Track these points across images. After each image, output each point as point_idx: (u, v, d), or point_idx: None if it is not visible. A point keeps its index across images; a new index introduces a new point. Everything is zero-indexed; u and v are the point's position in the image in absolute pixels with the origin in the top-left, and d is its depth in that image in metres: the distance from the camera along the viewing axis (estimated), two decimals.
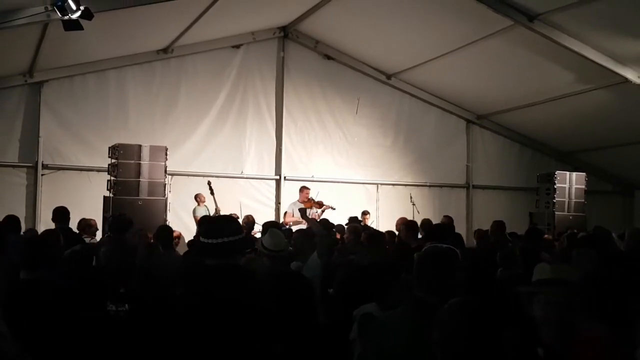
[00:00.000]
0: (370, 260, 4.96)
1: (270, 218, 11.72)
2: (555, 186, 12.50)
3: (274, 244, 5.07)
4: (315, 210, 11.22)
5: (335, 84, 13.56)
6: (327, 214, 11.31)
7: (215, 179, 11.59)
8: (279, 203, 13.00)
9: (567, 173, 12.87)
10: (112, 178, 9.79)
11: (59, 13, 7.38)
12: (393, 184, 13.98)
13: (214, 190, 10.97)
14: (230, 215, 10.81)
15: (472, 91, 13.61)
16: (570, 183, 12.66)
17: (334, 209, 11.45)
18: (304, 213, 7.25)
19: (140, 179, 9.78)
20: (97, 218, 9.10)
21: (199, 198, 11.16)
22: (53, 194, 10.96)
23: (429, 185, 14.25)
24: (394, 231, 8.18)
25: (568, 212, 12.49)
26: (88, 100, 11.80)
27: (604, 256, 5.04)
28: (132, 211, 9.10)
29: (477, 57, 11.63)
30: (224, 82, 12.80)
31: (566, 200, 12.55)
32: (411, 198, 13.01)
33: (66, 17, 7.41)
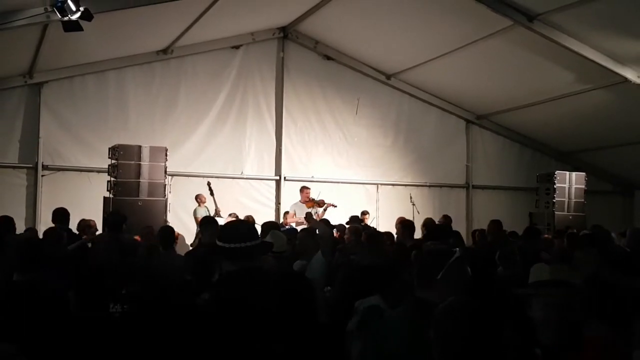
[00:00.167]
0: (370, 260, 4.97)
1: (270, 218, 11.71)
2: (555, 186, 12.50)
3: (276, 246, 5.10)
4: (316, 210, 11.24)
5: (335, 84, 13.56)
6: (329, 213, 11.34)
7: (215, 180, 11.61)
8: (279, 203, 13.01)
9: (567, 173, 12.87)
10: (112, 179, 9.79)
11: (58, 14, 7.39)
12: (393, 184, 13.98)
13: (214, 191, 10.99)
14: (245, 217, 10.87)
15: (472, 91, 13.61)
16: (570, 183, 12.66)
17: (335, 207, 11.50)
18: (310, 217, 7.26)
19: (140, 180, 9.78)
20: (98, 219, 9.09)
21: (199, 199, 11.17)
22: (53, 195, 10.96)
23: (429, 186, 14.25)
24: (392, 233, 8.20)
25: (568, 212, 12.49)
26: (88, 101, 11.80)
27: (606, 256, 5.04)
28: (132, 212, 9.11)
29: (477, 57, 11.63)
30: (223, 83, 12.80)
31: (566, 200, 12.55)
32: (411, 198, 13.02)
33: (66, 18, 7.42)
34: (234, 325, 2.62)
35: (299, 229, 10.90)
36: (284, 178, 13.17)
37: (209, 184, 11.07)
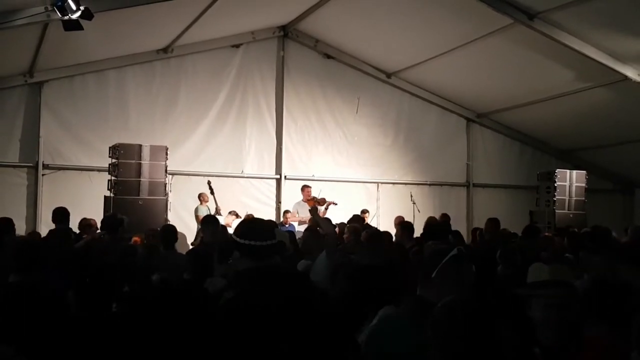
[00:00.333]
0: (370, 260, 4.96)
1: (270, 217, 11.74)
2: (556, 184, 12.49)
3: None
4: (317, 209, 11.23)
5: (335, 83, 13.55)
6: (329, 211, 11.34)
7: (215, 179, 11.62)
8: (280, 202, 13.01)
9: (568, 171, 12.86)
10: (113, 178, 9.80)
11: (59, 13, 7.39)
12: (393, 183, 13.98)
13: (214, 190, 10.99)
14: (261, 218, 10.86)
15: (472, 90, 13.61)
16: (570, 181, 12.65)
17: (335, 204, 11.51)
18: (315, 212, 7.22)
19: (141, 179, 9.79)
20: (98, 218, 9.05)
21: (202, 197, 11.19)
22: (54, 194, 10.96)
23: (429, 184, 14.25)
24: (390, 233, 8.23)
25: (568, 211, 12.49)
26: (88, 100, 11.80)
27: (608, 256, 5.02)
28: (133, 211, 9.13)
29: (477, 56, 11.63)
30: (223, 82, 12.80)
31: (566, 198, 12.54)
32: (411, 197, 13.03)
33: (66, 17, 7.42)
34: (260, 323, 2.58)
35: (300, 227, 11.00)
36: (285, 177, 13.17)
37: (209, 182, 11.08)
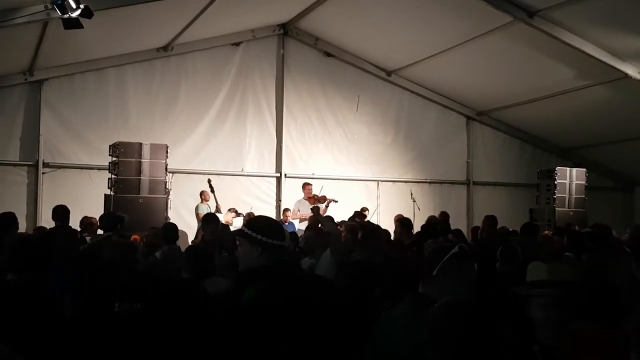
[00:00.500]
0: (367, 258, 4.95)
1: (271, 216, 11.74)
2: (556, 182, 12.48)
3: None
4: (318, 207, 11.25)
5: (335, 81, 13.55)
6: (330, 209, 11.35)
7: (215, 177, 11.61)
8: (280, 200, 13.02)
9: (568, 169, 12.85)
10: (113, 176, 9.80)
11: (58, 11, 7.40)
12: (393, 181, 13.98)
13: (215, 188, 10.99)
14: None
15: (472, 88, 13.60)
16: (570, 179, 12.64)
17: (336, 202, 11.53)
18: (317, 212, 7.24)
19: (141, 177, 9.79)
20: (98, 216, 9.09)
21: (203, 196, 11.20)
22: (54, 193, 10.96)
23: (429, 182, 14.25)
24: (388, 231, 8.27)
25: (568, 208, 12.48)
26: (88, 99, 11.80)
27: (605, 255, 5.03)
28: (133, 209, 9.13)
29: (477, 54, 11.62)
30: (224, 80, 12.79)
31: (567, 196, 12.54)
32: (412, 195, 13.03)
33: (66, 16, 7.42)
34: (289, 321, 2.56)
35: (301, 225, 11.02)
36: (285, 175, 13.18)
37: (209, 181, 11.08)
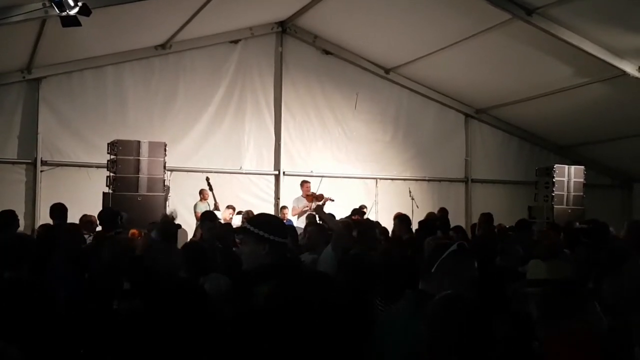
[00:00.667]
0: (364, 255, 4.95)
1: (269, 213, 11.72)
2: (554, 180, 12.46)
3: None
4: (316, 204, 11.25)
5: (333, 79, 13.55)
6: (328, 207, 11.34)
7: (214, 175, 11.62)
8: (278, 198, 13.02)
9: (566, 166, 12.85)
10: (111, 174, 9.79)
11: (56, 9, 7.40)
12: (392, 179, 13.99)
13: (213, 186, 10.99)
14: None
15: (471, 85, 13.60)
16: (569, 176, 12.64)
17: (333, 201, 11.52)
18: (321, 210, 7.22)
19: (140, 175, 9.78)
20: (97, 214, 9.09)
21: (202, 194, 11.19)
22: (52, 191, 10.94)
23: (428, 180, 14.26)
24: (386, 228, 8.29)
25: (567, 206, 12.48)
26: (86, 97, 11.80)
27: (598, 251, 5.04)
28: (132, 207, 9.12)
29: (476, 52, 11.62)
30: (222, 78, 12.79)
31: (565, 193, 12.53)
32: (410, 193, 13.05)
33: (64, 13, 7.42)
34: (302, 319, 2.54)
35: (299, 223, 11.01)
36: (283, 173, 13.18)
37: (207, 179, 11.08)
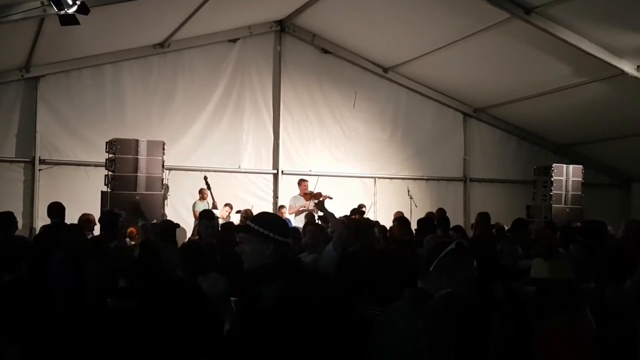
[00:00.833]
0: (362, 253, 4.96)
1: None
2: (552, 179, 12.47)
3: None
4: (313, 202, 11.25)
5: (332, 78, 13.55)
6: (326, 205, 11.33)
7: (212, 174, 11.61)
8: (277, 197, 13.02)
9: (564, 166, 12.86)
10: (110, 173, 9.77)
11: (55, 8, 7.39)
12: (390, 178, 13.99)
13: (211, 185, 10.98)
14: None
15: (470, 84, 13.61)
16: (567, 176, 12.65)
17: (331, 199, 11.51)
18: (322, 207, 7.19)
19: (138, 174, 9.76)
20: (96, 213, 9.03)
21: (201, 194, 11.18)
22: (50, 189, 10.93)
23: (426, 179, 14.27)
24: (384, 226, 8.29)
25: (565, 205, 12.50)
26: (85, 95, 11.79)
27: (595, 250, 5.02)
28: (130, 206, 9.10)
29: (474, 51, 11.62)
30: (220, 77, 12.78)
31: (563, 192, 12.55)
32: (409, 192, 13.05)
33: (62, 12, 7.41)
34: (309, 319, 2.53)
35: (298, 222, 11.00)
36: (282, 172, 13.18)
37: (205, 178, 11.06)
